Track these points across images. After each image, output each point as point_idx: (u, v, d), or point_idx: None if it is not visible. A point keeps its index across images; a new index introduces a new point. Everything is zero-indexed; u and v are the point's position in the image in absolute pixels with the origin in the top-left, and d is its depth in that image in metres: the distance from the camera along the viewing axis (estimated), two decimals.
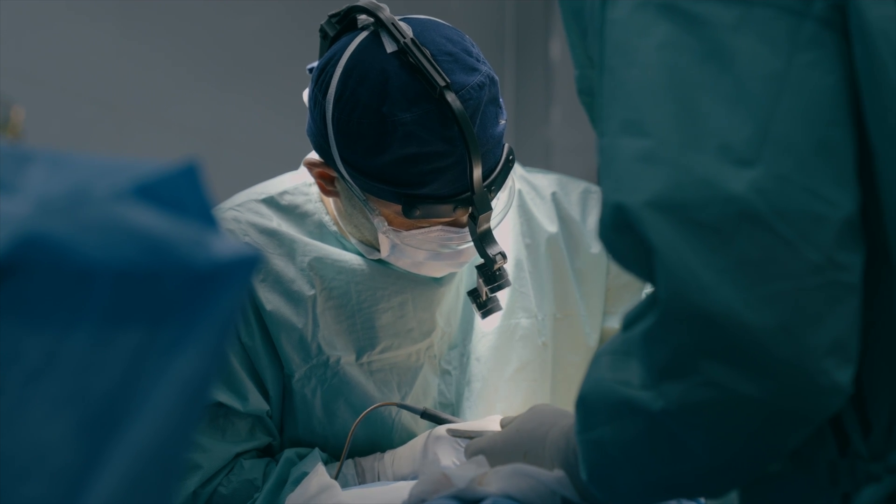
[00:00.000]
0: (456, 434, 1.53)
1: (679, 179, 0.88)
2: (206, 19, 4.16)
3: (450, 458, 1.54)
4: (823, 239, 0.87)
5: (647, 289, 1.74)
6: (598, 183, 0.96)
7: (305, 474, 1.56)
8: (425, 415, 1.60)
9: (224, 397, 1.56)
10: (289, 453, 1.61)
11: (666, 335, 0.90)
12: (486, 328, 1.72)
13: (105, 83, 3.92)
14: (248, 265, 0.63)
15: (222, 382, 1.57)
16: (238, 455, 1.62)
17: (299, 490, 1.43)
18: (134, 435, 0.62)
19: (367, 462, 1.62)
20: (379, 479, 1.60)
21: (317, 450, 1.61)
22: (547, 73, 5.07)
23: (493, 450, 1.25)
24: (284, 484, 1.57)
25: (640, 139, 0.91)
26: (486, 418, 1.61)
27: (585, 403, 1.01)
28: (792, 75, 0.89)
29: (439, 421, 1.60)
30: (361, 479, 1.59)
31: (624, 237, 0.91)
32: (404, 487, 1.44)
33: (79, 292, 0.63)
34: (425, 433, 1.61)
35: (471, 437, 1.52)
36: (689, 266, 0.87)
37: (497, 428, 1.56)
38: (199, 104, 4.15)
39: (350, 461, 1.61)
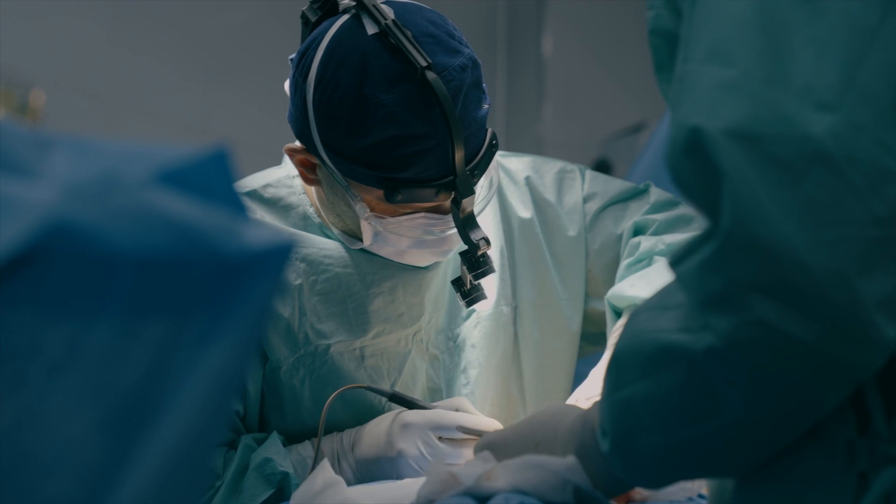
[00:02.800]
0: (465, 431, 1.52)
1: (758, 112, 0.89)
2: (194, 14, 4.14)
3: (415, 447, 1.52)
4: (890, 194, 0.87)
5: (626, 269, 1.72)
6: (671, 108, 0.97)
7: (267, 459, 1.52)
8: (394, 398, 1.57)
9: None
10: (247, 439, 1.57)
11: (723, 264, 0.89)
12: (481, 309, 1.70)
13: (94, 76, 3.89)
14: (282, 254, 0.61)
15: None
16: None
17: (305, 486, 1.40)
18: (163, 430, 0.60)
19: (324, 443, 1.59)
20: (338, 460, 1.57)
21: (275, 433, 1.58)
22: (539, 70, 5.06)
23: (504, 443, 1.23)
24: (246, 470, 1.55)
25: (725, 68, 0.91)
26: (453, 399, 1.60)
27: (619, 360, 1.01)
28: (883, 34, 0.90)
29: (409, 405, 1.58)
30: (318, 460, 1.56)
31: (693, 161, 0.91)
32: (409, 485, 1.42)
33: (103, 282, 0.61)
34: (390, 415, 1.58)
35: (478, 434, 1.51)
36: (757, 197, 0.87)
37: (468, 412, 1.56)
38: (187, 97, 4.13)
39: (308, 442, 1.59)
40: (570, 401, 1.55)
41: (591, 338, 1.80)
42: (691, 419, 0.95)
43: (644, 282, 1.62)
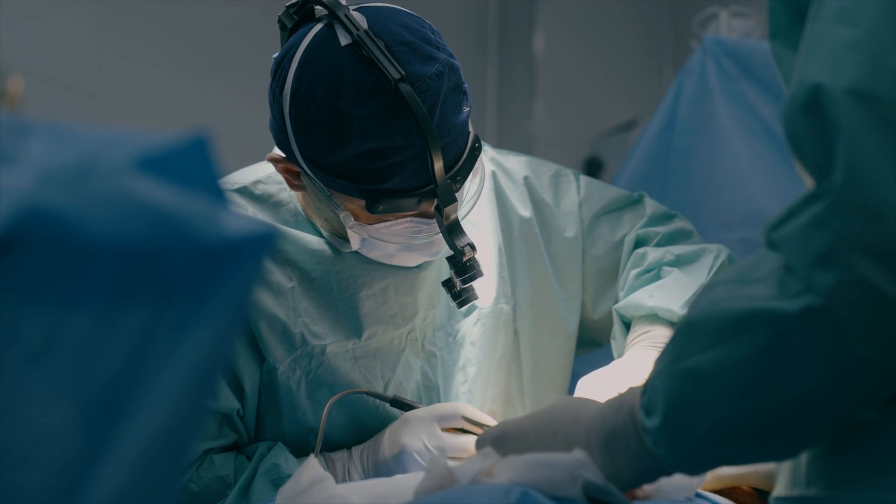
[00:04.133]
0: (468, 421, 1.51)
1: (878, 74, 0.90)
2: (185, 11, 4.12)
3: (419, 441, 1.51)
4: None
5: (635, 278, 1.71)
6: (800, 60, 0.98)
7: (274, 465, 1.53)
8: (395, 402, 1.57)
9: None
10: (262, 448, 1.58)
11: (831, 220, 0.90)
12: (481, 304, 1.69)
13: (84, 73, 3.87)
14: (262, 242, 0.60)
15: None
16: (206, 452, 1.59)
17: (291, 482, 1.39)
18: (141, 421, 0.59)
19: (335, 459, 1.59)
20: (349, 473, 1.57)
21: (280, 443, 1.58)
22: (530, 68, 5.05)
23: (518, 432, 1.20)
24: (254, 478, 1.55)
25: (851, 28, 0.92)
26: (454, 403, 1.59)
27: (692, 327, 1.00)
28: None
29: (409, 409, 1.57)
30: (331, 473, 1.56)
31: (809, 118, 0.92)
32: (398, 481, 1.41)
33: (81, 270, 0.59)
34: (390, 426, 1.58)
35: (481, 426, 1.50)
36: (871, 157, 0.88)
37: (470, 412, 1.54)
38: (178, 95, 4.12)
39: (321, 456, 1.59)
40: (585, 380, 1.54)
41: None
42: (760, 390, 0.94)
43: (662, 292, 1.61)
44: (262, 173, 1.67)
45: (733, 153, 2.51)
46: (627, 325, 1.68)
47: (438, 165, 1.42)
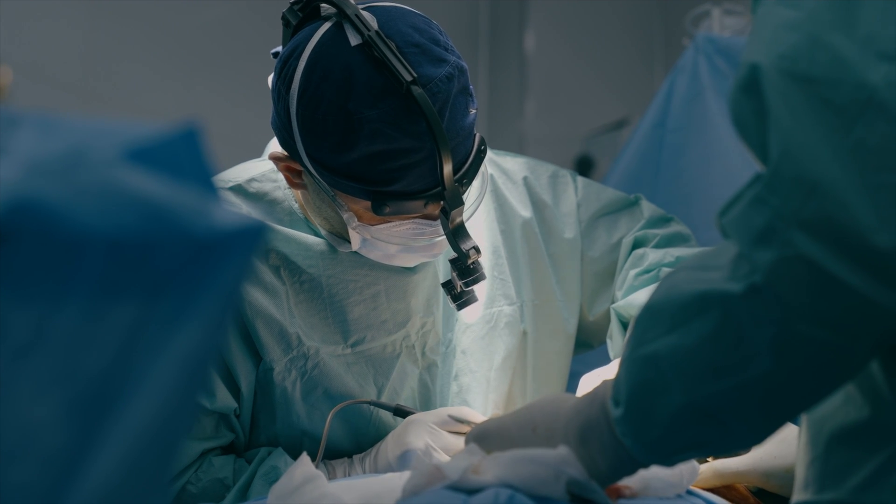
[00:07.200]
0: (457, 420, 1.50)
1: (817, 55, 0.90)
2: (175, 8, 4.12)
3: (422, 441, 1.51)
4: None
5: (635, 278, 1.71)
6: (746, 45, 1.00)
7: (274, 467, 1.52)
8: (398, 412, 1.57)
9: None
10: (262, 452, 1.58)
11: (769, 196, 0.91)
12: (468, 319, 1.69)
13: (75, 71, 3.87)
14: (253, 235, 0.59)
15: None
16: (204, 452, 1.59)
17: (283, 480, 1.38)
18: (131, 415, 0.58)
19: (336, 467, 1.59)
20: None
21: (280, 448, 1.58)
22: (521, 66, 5.05)
23: (500, 430, 1.20)
24: (253, 479, 1.54)
25: (793, 10, 0.93)
26: (459, 407, 1.59)
27: (649, 313, 1.00)
28: None
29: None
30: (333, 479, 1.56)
31: (749, 99, 0.93)
32: (390, 479, 1.41)
33: (70, 262, 0.59)
34: (393, 430, 1.59)
35: (470, 424, 1.50)
36: (808, 134, 0.89)
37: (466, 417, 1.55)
38: (168, 92, 4.11)
39: (321, 463, 1.58)
40: (588, 377, 1.55)
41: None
42: (716, 373, 0.94)
43: None
44: (256, 171, 1.66)
45: (725, 151, 2.51)
46: (625, 325, 1.68)
47: (447, 168, 1.41)
